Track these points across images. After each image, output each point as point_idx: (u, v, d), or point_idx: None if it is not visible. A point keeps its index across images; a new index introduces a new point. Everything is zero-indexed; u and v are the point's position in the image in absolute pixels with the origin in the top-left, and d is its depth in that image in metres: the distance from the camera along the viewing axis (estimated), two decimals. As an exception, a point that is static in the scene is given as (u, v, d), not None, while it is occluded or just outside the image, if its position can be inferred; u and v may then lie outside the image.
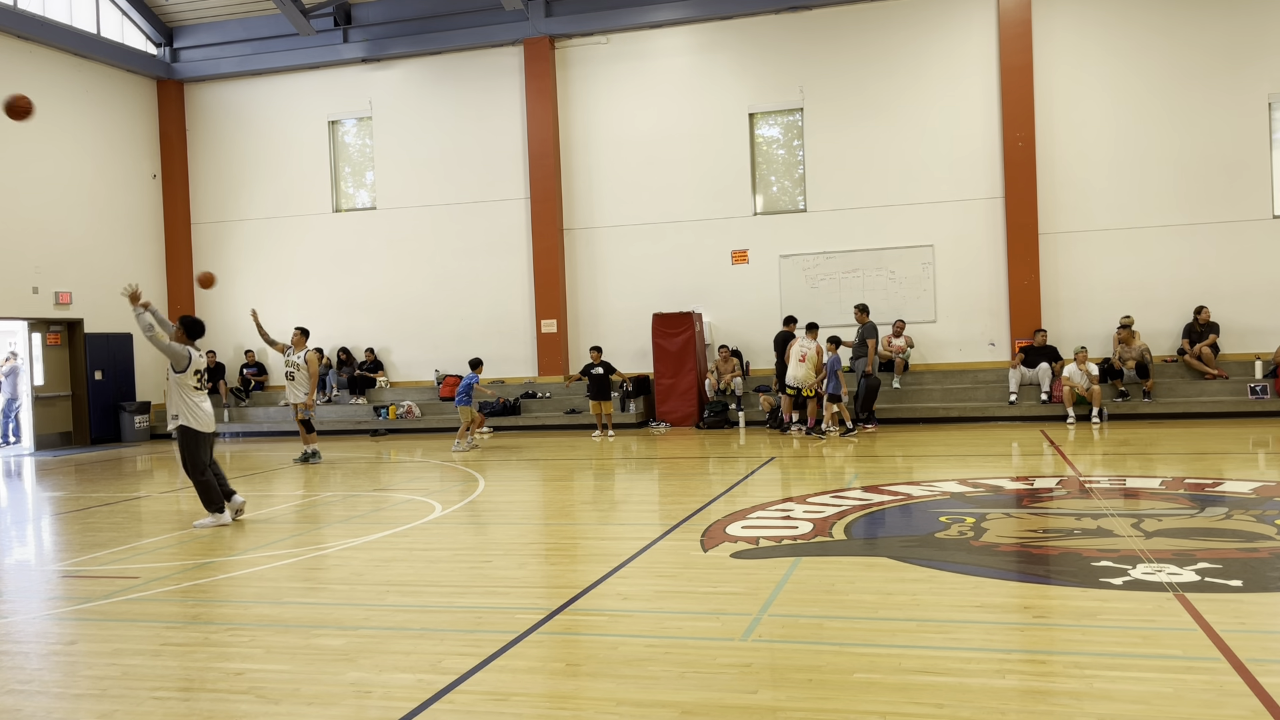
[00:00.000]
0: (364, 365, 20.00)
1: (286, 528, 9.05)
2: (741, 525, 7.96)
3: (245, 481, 12.52)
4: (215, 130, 21.20)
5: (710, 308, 18.52)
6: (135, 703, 4.43)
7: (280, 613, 5.92)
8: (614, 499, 10.48)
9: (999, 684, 4.21)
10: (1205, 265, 16.44)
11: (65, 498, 11.75)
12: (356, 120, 20.56)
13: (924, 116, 17.52)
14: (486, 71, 19.52)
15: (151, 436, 20.02)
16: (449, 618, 5.67)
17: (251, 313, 14.32)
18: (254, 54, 20.62)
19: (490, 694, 4.37)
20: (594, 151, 19.11)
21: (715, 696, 4.19)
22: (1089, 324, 16.82)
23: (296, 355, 14.05)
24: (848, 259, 17.90)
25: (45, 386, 18.76)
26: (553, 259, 18.99)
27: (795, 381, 15.20)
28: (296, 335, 14.27)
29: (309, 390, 14.02)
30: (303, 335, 14.28)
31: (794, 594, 5.83)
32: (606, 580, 6.36)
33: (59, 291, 18.69)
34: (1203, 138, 16.43)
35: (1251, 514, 7.65)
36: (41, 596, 6.79)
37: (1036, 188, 16.93)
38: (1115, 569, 6.04)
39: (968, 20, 17.35)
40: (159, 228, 21.16)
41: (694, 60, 18.65)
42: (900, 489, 9.56)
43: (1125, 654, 4.53)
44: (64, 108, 19.01)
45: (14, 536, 9.37)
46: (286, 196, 20.73)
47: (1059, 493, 9.13)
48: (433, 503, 9.96)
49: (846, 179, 17.85)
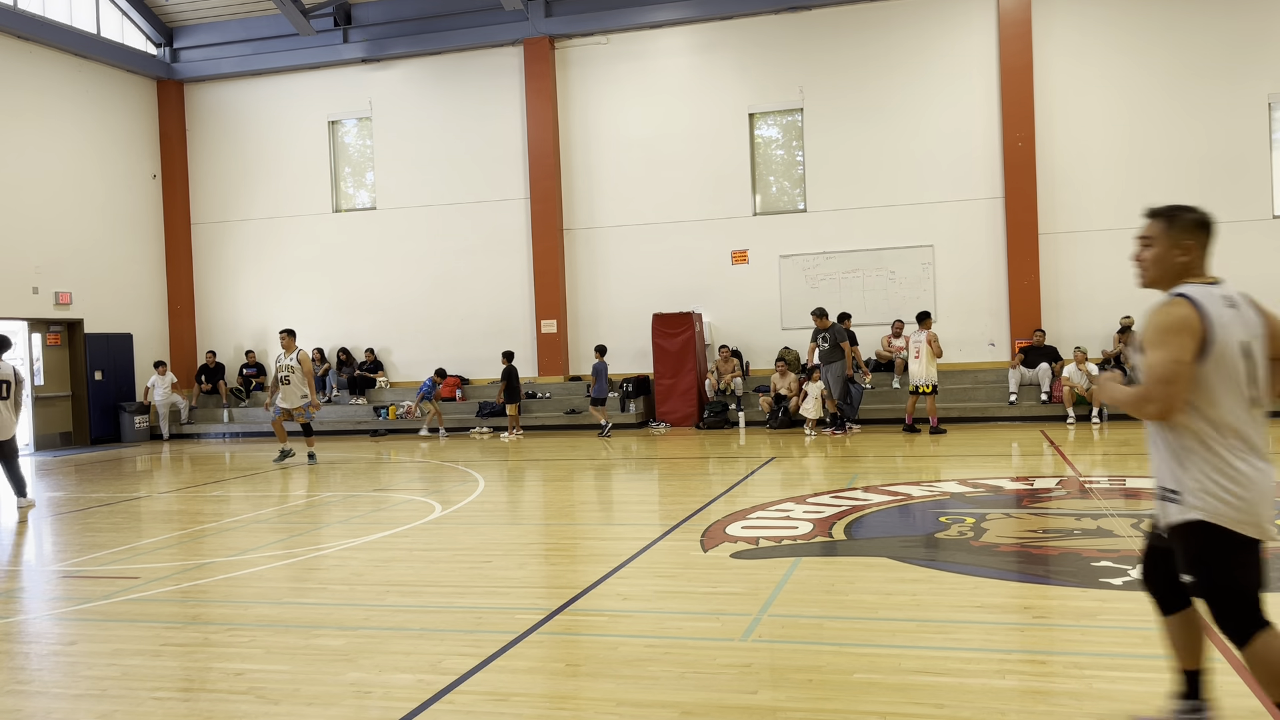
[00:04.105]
0: (364, 365, 20.00)
1: (286, 528, 9.06)
2: (741, 525, 7.96)
3: (245, 481, 12.53)
4: (215, 130, 21.20)
5: (710, 308, 18.51)
6: (135, 703, 4.43)
7: (280, 613, 5.92)
8: (614, 499, 10.48)
9: (999, 684, 4.22)
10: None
11: (65, 498, 11.75)
12: (356, 120, 20.56)
13: (924, 116, 17.51)
14: (486, 71, 19.52)
15: (151, 437, 20.02)
16: (449, 618, 5.67)
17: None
18: (254, 54, 20.62)
19: (490, 694, 4.37)
20: (594, 151, 19.11)
21: (715, 697, 4.19)
22: (1089, 324, 16.82)
23: (288, 358, 13.79)
24: (848, 259, 17.90)
25: (45, 387, 18.76)
26: (553, 259, 18.99)
27: (918, 379, 14.81)
28: (284, 338, 13.98)
29: (309, 391, 13.80)
30: (290, 336, 13.97)
31: (794, 594, 5.83)
32: (606, 580, 6.36)
33: (59, 292, 18.69)
34: (1203, 138, 16.43)
35: (1251, 514, 7.64)
36: (41, 597, 6.80)
37: (1036, 188, 16.93)
38: (1115, 569, 6.04)
39: (968, 20, 17.35)
40: (159, 228, 21.15)
41: (694, 60, 18.65)
42: (900, 489, 9.56)
43: (1125, 654, 4.53)
44: (64, 108, 19.01)
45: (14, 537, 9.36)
46: (286, 197, 20.73)
47: (1059, 493, 9.13)
48: (432, 503, 9.96)
49: (846, 179, 17.85)
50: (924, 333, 14.84)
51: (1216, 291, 3.25)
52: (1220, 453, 3.17)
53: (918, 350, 14.80)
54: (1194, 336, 3.14)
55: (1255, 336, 3.27)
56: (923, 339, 14.77)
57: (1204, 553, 3.21)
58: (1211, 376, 3.16)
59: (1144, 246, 3.41)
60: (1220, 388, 3.17)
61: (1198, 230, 3.33)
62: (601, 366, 16.90)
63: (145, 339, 20.59)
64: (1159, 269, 3.38)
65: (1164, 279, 3.37)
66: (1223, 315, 3.19)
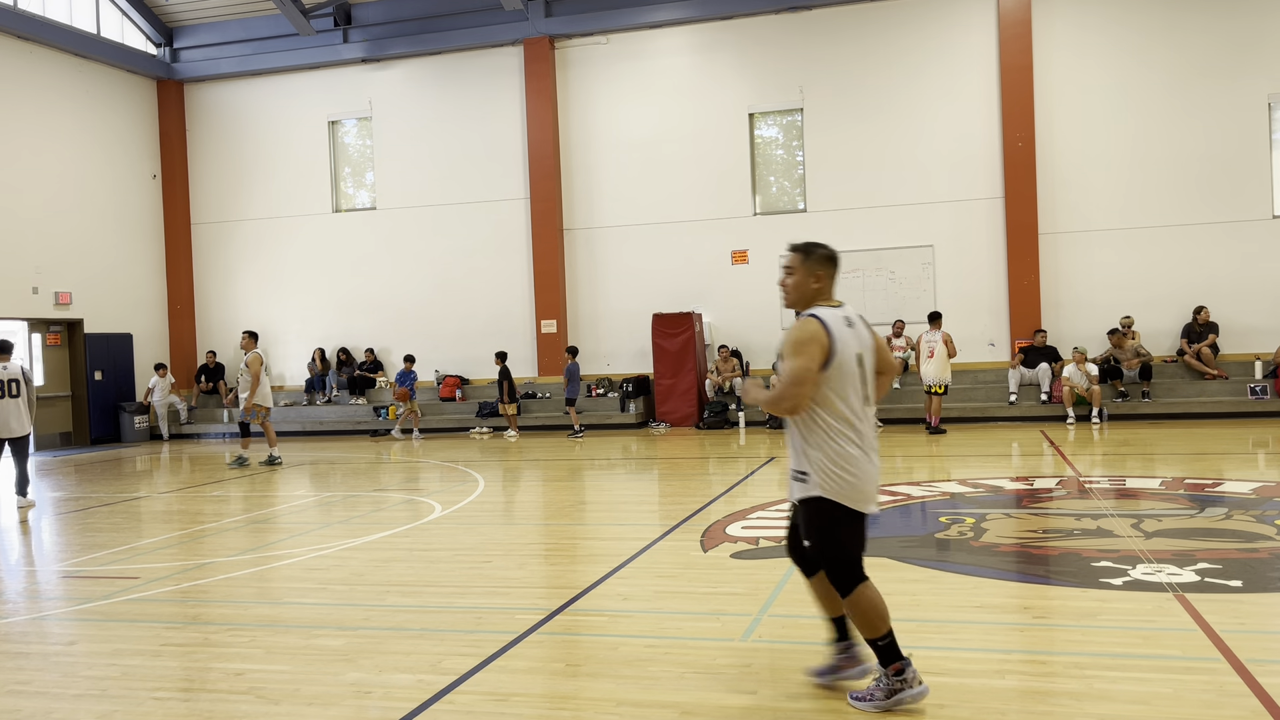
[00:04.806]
0: (364, 365, 20.00)
1: (286, 528, 9.06)
2: (741, 525, 7.96)
3: (245, 482, 12.53)
4: (215, 130, 21.20)
5: (710, 308, 18.51)
6: (135, 703, 4.43)
7: (280, 613, 5.92)
8: (614, 499, 10.48)
9: (999, 684, 4.22)
10: (1205, 265, 16.44)
11: (65, 498, 11.75)
12: (356, 120, 20.56)
13: (924, 116, 17.51)
14: (486, 71, 19.52)
15: (151, 437, 20.02)
16: (449, 618, 5.67)
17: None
18: (254, 54, 20.62)
19: (490, 694, 4.37)
20: (594, 151, 19.11)
21: (715, 697, 4.20)
22: (1089, 324, 16.81)
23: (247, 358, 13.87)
24: (848, 259, 17.79)
25: (45, 387, 18.76)
26: (552, 259, 18.99)
27: (931, 379, 14.78)
28: (244, 339, 14.02)
29: (249, 394, 13.67)
30: (249, 338, 14.00)
31: (794, 594, 5.82)
32: (606, 580, 6.36)
33: (59, 292, 18.69)
34: (1202, 138, 16.43)
35: (1251, 514, 7.66)
36: (42, 597, 6.80)
37: (1036, 188, 16.92)
38: (1115, 569, 6.04)
39: (968, 20, 17.35)
40: (159, 228, 21.15)
41: (694, 60, 18.65)
42: (900, 489, 9.56)
43: (1125, 654, 4.53)
44: (64, 108, 19.00)
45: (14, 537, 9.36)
46: (286, 197, 20.73)
47: (1059, 493, 9.13)
48: (432, 503, 9.96)
49: (846, 179, 17.85)
50: (938, 333, 14.85)
51: (840, 313, 4.02)
52: (838, 442, 3.91)
53: (931, 350, 14.79)
54: (822, 348, 3.86)
55: (866, 349, 4.06)
56: (937, 339, 14.78)
57: (821, 523, 3.97)
58: (833, 381, 3.90)
59: (787, 274, 4.09)
60: (839, 390, 3.92)
61: (827, 263, 4.08)
62: (574, 368, 16.98)
63: (145, 339, 20.59)
64: (798, 294, 4.08)
65: (801, 302, 4.08)
66: (844, 332, 3.95)
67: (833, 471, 3.90)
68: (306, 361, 20.43)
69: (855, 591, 3.95)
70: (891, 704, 3.92)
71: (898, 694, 3.93)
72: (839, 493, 3.90)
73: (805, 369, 3.84)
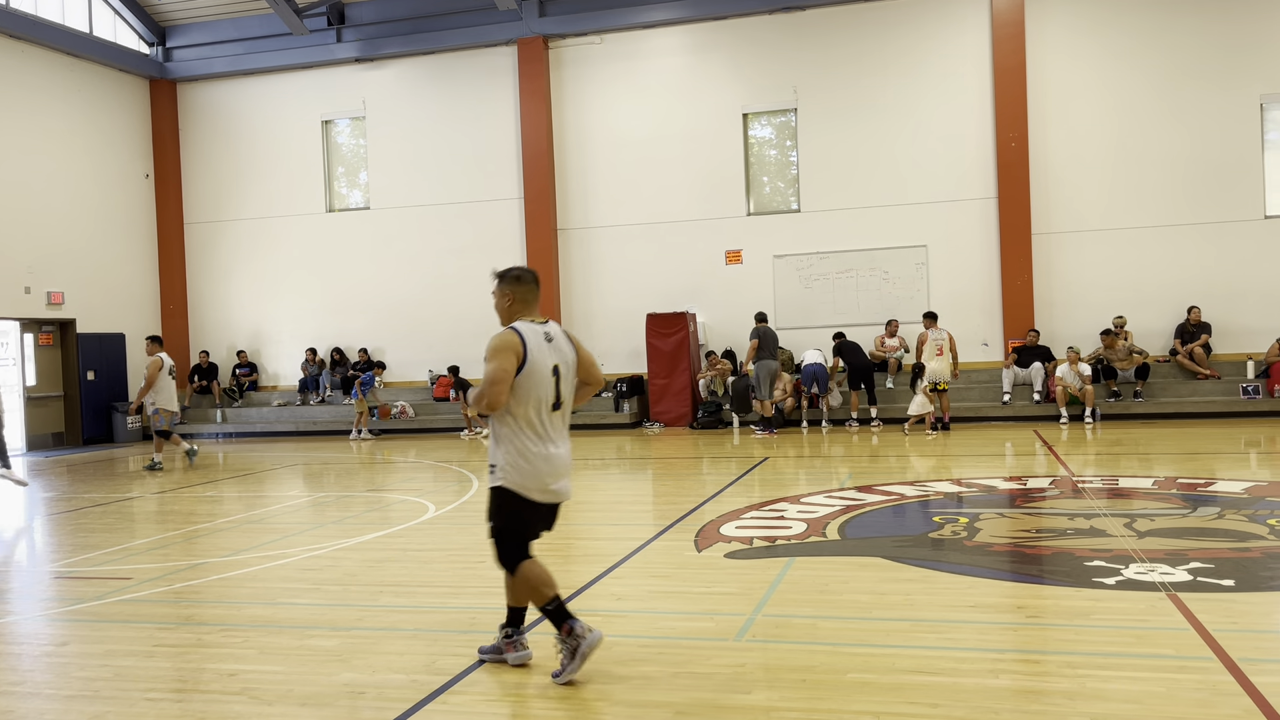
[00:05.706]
0: (357, 366, 19.96)
1: (279, 528, 9.04)
2: (735, 525, 7.97)
3: (239, 482, 12.50)
4: (208, 130, 21.15)
5: (704, 308, 18.52)
6: (128, 704, 4.42)
7: (273, 613, 5.91)
8: (608, 499, 10.47)
9: (992, 684, 4.22)
10: (1197, 265, 16.49)
11: (57, 498, 11.71)
12: (350, 120, 20.52)
13: (917, 117, 17.54)
14: (480, 71, 19.50)
15: (144, 437, 19.96)
16: (443, 618, 5.67)
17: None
18: (247, 53, 20.57)
19: (484, 695, 4.37)
20: (588, 152, 19.10)
21: (709, 697, 4.20)
22: (1082, 324, 16.85)
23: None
24: (841, 259, 17.91)
25: (37, 387, 18.70)
26: (546, 259, 18.97)
27: (937, 376, 14.84)
28: (147, 344, 13.97)
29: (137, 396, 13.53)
30: (150, 343, 13.94)
31: (787, 594, 5.83)
32: (600, 580, 6.36)
33: (51, 291, 18.62)
34: (1195, 138, 16.48)
35: (1243, 514, 7.68)
36: (34, 597, 6.77)
37: (1029, 188, 16.96)
38: (1108, 569, 6.05)
39: (961, 21, 17.38)
40: (152, 228, 21.09)
41: (688, 60, 18.65)
42: (894, 489, 9.57)
43: (1118, 654, 4.54)
44: (56, 107, 18.94)
45: (6, 537, 9.33)
46: (280, 196, 20.68)
47: (1052, 493, 9.15)
48: (426, 503, 9.95)
49: (840, 179, 17.87)
50: (943, 330, 14.98)
51: (540, 328, 4.54)
52: (521, 439, 4.46)
53: (940, 347, 14.84)
54: (516, 355, 4.40)
55: (565, 362, 4.59)
56: (944, 336, 14.86)
57: (499, 508, 4.53)
58: (524, 386, 4.43)
59: (498, 298, 4.66)
60: (527, 395, 4.44)
61: (516, 283, 4.61)
62: None
63: (138, 339, 20.49)
64: (500, 312, 4.65)
65: (505, 318, 4.61)
66: (540, 345, 4.49)
67: (516, 464, 4.45)
68: (300, 361, 20.40)
69: (520, 568, 4.50)
70: (579, 662, 4.36)
71: (578, 650, 4.35)
72: (518, 484, 4.45)
73: (501, 369, 4.36)
